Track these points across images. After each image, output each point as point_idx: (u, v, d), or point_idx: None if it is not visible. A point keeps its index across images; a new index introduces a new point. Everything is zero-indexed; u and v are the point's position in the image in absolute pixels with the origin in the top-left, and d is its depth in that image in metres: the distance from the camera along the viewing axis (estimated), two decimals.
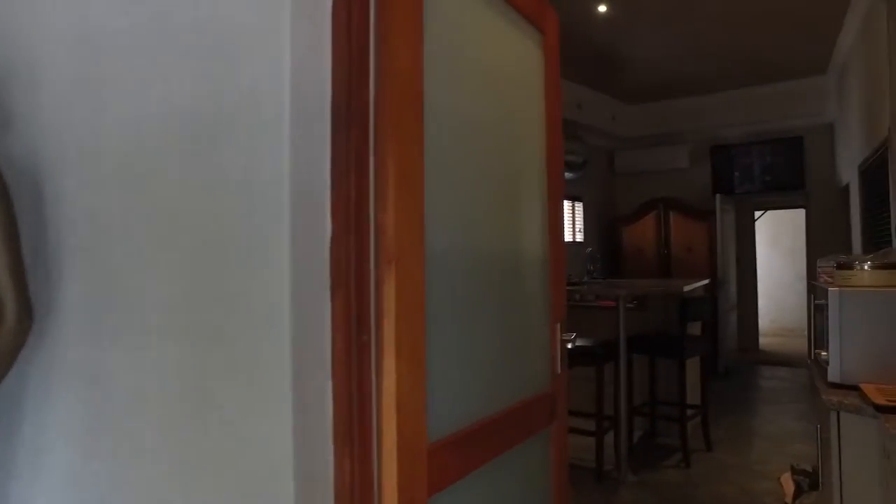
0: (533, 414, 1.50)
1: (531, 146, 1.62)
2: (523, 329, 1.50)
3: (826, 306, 1.79)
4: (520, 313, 1.49)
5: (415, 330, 1.05)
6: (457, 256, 1.21)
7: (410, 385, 1.03)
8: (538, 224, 1.63)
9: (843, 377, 1.72)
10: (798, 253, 9.02)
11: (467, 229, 1.26)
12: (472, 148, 1.31)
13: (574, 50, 5.46)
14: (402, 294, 1.02)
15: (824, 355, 1.78)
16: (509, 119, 1.50)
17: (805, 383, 5.98)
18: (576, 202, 7.10)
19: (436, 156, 1.16)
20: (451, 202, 1.20)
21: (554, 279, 1.66)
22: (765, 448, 3.95)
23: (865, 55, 4.75)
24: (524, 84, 1.60)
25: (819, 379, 1.86)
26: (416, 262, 1.06)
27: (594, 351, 3.43)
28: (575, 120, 6.45)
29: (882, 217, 4.65)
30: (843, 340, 1.72)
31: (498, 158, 1.43)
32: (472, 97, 1.32)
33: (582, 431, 3.57)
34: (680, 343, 3.51)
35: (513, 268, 1.46)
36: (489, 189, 1.37)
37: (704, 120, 7.02)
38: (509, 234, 1.46)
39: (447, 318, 1.16)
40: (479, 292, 1.29)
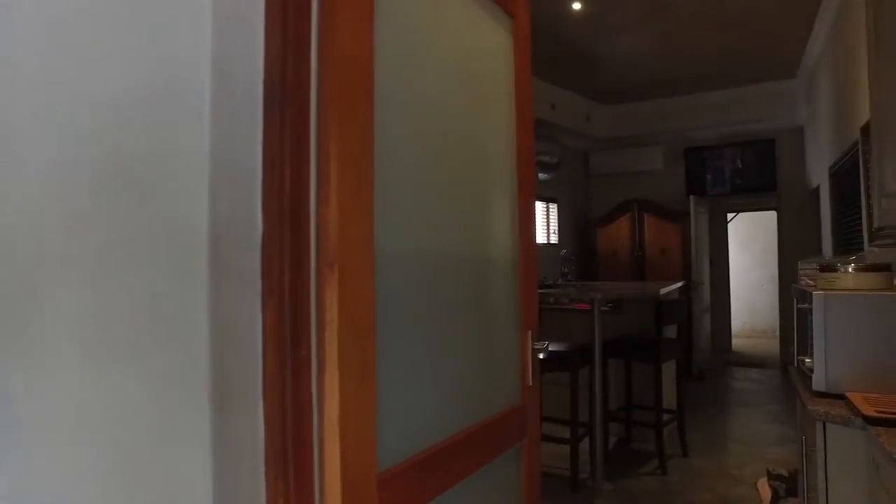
0: (501, 431, 1.37)
1: (500, 141, 1.50)
2: (490, 338, 1.37)
3: (810, 310, 1.70)
4: (487, 321, 1.36)
5: (362, 343, 0.91)
6: (413, 259, 1.07)
7: (357, 406, 0.89)
8: (507, 224, 1.50)
9: (828, 386, 1.63)
10: (769, 255, 9.10)
11: (426, 229, 1.13)
12: (433, 140, 1.18)
13: (548, 49, 5.39)
14: (346, 302, 0.88)
15: (808, 362, 1.69)
16: (476, 110, 1.37)
17: (778, 384, 5.98)
18: (550, 203, 7.03)
19: (389, 145, 1.02)
20: (407, 198, 1.07)
21: (525, 284, 1.54)
22: (741, 452, 3.89)
23: (834, 59, 4.76)
24: (492, 72, 1.47)
25: (803, 387, 1.77)
26: (364, 265, 0.92)
27: (569, 356, 3.32)
28: (549, 120, 6.37)
29: (852, 219, 4.65)
30: (828, 347, 1.63)
31: (462, 153, 1.30)
32: (434, 82, 1.19)
33: (556, 439, 3.46)
34: (656, 347, 3.43)
35: (479, 272, 1.33)
36: (452, 186, 1.24)
37: (678, 122, 7.01)
38: (475, 235, 1.33)
39: (402, 328, 1.03)
40: (439, 299, 1.15)
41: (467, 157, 1.32)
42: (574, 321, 4.42)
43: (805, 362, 1.70)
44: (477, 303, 1.32)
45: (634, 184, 7.35)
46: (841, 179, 4.85)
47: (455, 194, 1.26)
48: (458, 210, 1.26)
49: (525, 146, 1.59)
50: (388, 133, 1.02)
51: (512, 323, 1.48)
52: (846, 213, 4.81)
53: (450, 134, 1.24)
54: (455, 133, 1.27)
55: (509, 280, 1.49)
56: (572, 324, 4.44)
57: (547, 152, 6.20)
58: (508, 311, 1.47)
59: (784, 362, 6.65)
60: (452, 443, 1.15)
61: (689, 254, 6.52)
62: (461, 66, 1.31)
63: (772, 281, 9.07)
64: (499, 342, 1.42)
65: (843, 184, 4.82)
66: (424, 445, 1.07)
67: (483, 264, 1.36)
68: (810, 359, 1.68)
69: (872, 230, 3.71)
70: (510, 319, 1.48)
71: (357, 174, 0.92)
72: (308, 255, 0.88)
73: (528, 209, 1.60)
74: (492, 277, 1.40)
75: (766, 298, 9.29)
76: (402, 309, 1.03)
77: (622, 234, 7.05)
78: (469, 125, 1.34)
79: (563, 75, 6.18)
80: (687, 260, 6.56)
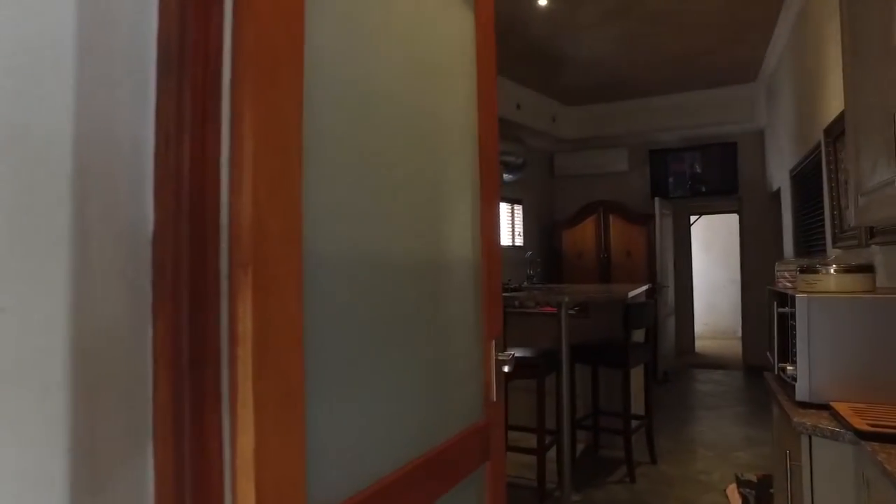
0: (461, 455, 1.21)
1: (460, 135, 1.34)
2: (448, 350, 1.21)
3: (792, 314, 1.59)
4: (444, 331, 1.20)
5: (286, 361, 0.73)
6: (355, 261, 0.90)
7: (280, 444, 0.72)
8: (468, 225, 1.34)
9: (812, 395, 1.52)
10: (730, 257, 9.21)
11: (372, 227, 0.96)
12: (382, 127, 1.01)
13: (513, 46, 5.28)
14: (265, 311, 0.70)
15: (791, 370, 1.58)
16: (432, 100, 1.21)
17: (741, 386, 5.99)
18: (515, 205, 6.93)
19: (326, 125, 0.85)
20: (348, 189, 0.90)
21: (488, 289, 1.38)
22: (708, 458, 3.82)
23: (795, 63, 4.78)
24: (452, 61, 1.31)
25: (784, 396, 1.66)
26: (289, 267, 0.75)
27: (535, 362, 3.19)
28: (514, 120, 6.27)
29: (814, 221, 4.67)
30: (812, 354, 1.52)
31: (417, 145, 1.13)
32: (383, 64, 1.02)
33: (522, 450, 3.33)
34: (624, 352, 3.33)
35: (435, 276, 1.17)
36: (404, 180, 1.08)
37: (642, 124, 7.00)
38: (431, 236, 1.17)
39: (341, 342, 0.86)
40: (388, 307, 0.99)
41: (423, 150, 1.16)
42: (540, 325, 4.30)
43: (787, 370, 1.59)
44: (433, 311, 1.15)
45: (600, 185, 7.31)
46: (802, 182, 4.88)
47: (408, 190, 1.09)
48: (412, 208, 1.10)
49: (488, 142, 1.44)
50: (325, 111, 0.85)
51: (473, 332, 1.33)
52: (807, 216, 4.83)
53: (402, 122, 1.08)
54: (408, 121, 1.10)
55: (470, 285, 1.33)
56: (538, 328, 4.32)
57: (512, 152, 6.09)
58: (469, 319, 1.31)
59: (747, 363, 6.69)
60: (403, 474, 0.99)
61: (654, 256, 6.49)
62: (415, 50, 1.14)
63: (732, 283, 9.19)
64: (458, 354, 1.26)
65: (804, 186, 4.84)
66: (368, 481, 0.89)
67: (440, 268, 1.20)
68: (793, 366, 1.57)
69: (836, 232, 3.70)
70: (471, 328, 1.32)
71: (281, 154, 0.75)
72: (216, 254, 0.70)
73: (492, 208, 1.45)
74: (450, 282, 1.24)
75: (727, 300, 9.40)
76: (341, 320, 0.86)
77: (587, 237, 6.99)
78: (424, 115, 1.18)
79: (529, 74, 6.09)
80: (652, 262, 6.54)
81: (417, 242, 1.10)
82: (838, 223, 3.56)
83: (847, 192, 3.28)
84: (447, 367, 1.21)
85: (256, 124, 0.71)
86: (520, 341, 4.34)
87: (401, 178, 1.06)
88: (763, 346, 6.62)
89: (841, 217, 3.53)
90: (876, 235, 2.80)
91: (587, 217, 7.01)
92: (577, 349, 3.52)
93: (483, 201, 1.40)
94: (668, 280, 6.69)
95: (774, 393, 1.76)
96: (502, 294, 1.54)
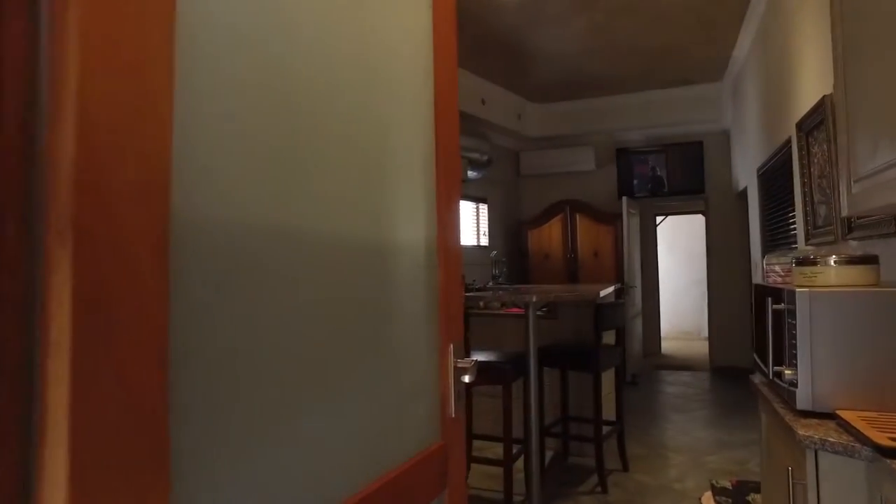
0: (412, 487, 0.98)
1: (414, 112, 1.11)
2: (396, 359, 0.98)
3: (790, 312, 1.41)
4: (391, 336, 0.96)
5: (138, 396, 0.49)
6: (261, 240, 0.66)
7: None
8: (423, 215, 1.11)
9: (815, 403, 1.34)
10: (694, 258, 9.21)
11: (293, 199, 0.72)
12: (300, 71, 0.77)
13: (479, 39, 5.08)
14: (95, 310, 0.46)
15: (789, 374, 1.39)
16: (378, 67, 0.98)
17: (709, 387, 5.92)
18: (480, 204, 6.73)
19: (218, 47, 0.61)
20: (255, 142, 0.66)
21: (445, 287, 1.15)
22: (681, 463, 3.67)
23: (762, 60, 4.72)
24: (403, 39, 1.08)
25: (780, 404, 1.48)
26: (146, 243, 0.50)
27: (501, 366, 2.97)
28: (479, 116, 6.08)
29: (782, 219, 4.60)
30: (815, 356, 1.34)
31: (355, 106, 0.90)
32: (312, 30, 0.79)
33: (488, 461, 3.11)
34: (595, 355, 3.14)
35: (379, 270, 0.94)
36: (337, 148, 0.84)
37: (608, 122, 6.90)
38: (374, 222, 0.93)
39: (235, 360, 0.61)
40: (313, 308, 0.75)
41: (364, 118, 0.92)
42: (506, 327, 4.10)
43: (784, 374, 1.41)
44: (376, 312, 0.92)
45: (566, 184, 7.18)
46: (770, 179, 4.81)
47: (344, 163, 0.86)
48: (349, 186, 0.86)
49: (447, 131, 1.21)
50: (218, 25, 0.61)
51: (428, 336, 1.09)
52: (776, 214, 4.77)
53: (330, 73, 0.84)
54: (340, 74, 0.87)
55: (424, 281, 1.10)
56: (504, 330, 4.11)
57: (477, 149, 5.89)
58: (423, 322, 1.08)
59: (714, 365, 6.63)
60: None
61: (621, 256, 6.38)
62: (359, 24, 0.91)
63: (696, 284, 9.19)
64: (408, 363, 1.02)
65: (772, 184, 4.77)
66: None
67: (386, 260, 0.96)
68: (791, 370, 1.39)
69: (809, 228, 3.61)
70: (425, 332, 1.09)
71: (135, 63, 0.50)
72: (18, 211, 0.46)
73: (451, 202, 1.22)
74: (399, 277, 1.01)
75: (691, 301, 9.41)
76: (237, 322, 0.62)
77: (554, 237, 6.84)
78: (363, 69, 0.94)
79: (494, 69, 5.91)
80: (619, 263, 6.42)
81: (355, 227, 0.87)
82: (811, 219, 3.46)
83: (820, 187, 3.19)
84: (396, 380, 0.97)
85: (83, 14, 0.47)
86: (485, 345, 4.13)
87: (332, 144, 0.83)
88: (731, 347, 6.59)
89: (814, 213, 3.44)
90: (855, 230, 2.68)
91: (554, 217, 6.87)
92: (546, 352, 3.33)
93: (441, 194, 1.17)
94: (635, 280, 6.59)
95: (768, 400, 1.58)
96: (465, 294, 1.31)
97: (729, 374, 6.40)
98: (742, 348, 6.32)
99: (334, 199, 0.82)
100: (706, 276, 7.02)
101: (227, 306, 0.60)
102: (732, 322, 6.50)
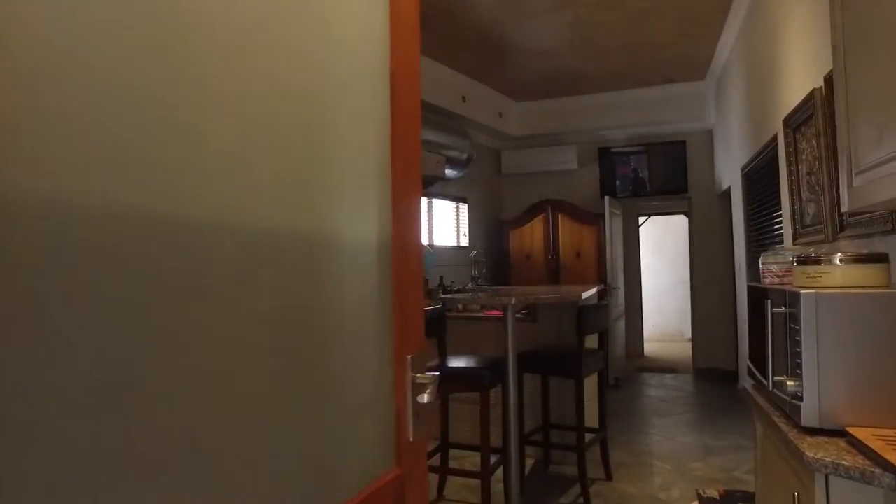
0: None
1: (363, 88, 0.94)
2: (333, 380, 0.80)
3: (792, 316, 1.26)
4: (325, 351, 0.79)
5: None
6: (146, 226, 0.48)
7: None
8: (372, 208, 0.94)
9: (823, 419, 1.19)
10: (678, 258, 9.14)
11: (174, 189, 0.54)
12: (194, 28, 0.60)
13: (459, 35, 4.92)
14: None
15: (792, 385, 1.24)
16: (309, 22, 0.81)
17: (693, 391, 5.81)
18: (460, 203, 6.57)
19: None
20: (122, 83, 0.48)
21: (400, 293, 0.98)
22: (666, 471, 3.54)
23: (747, 57, 4.62)
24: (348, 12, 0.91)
25: (782, 418, 1.33)
26: None
27: (478, 373, 2.81)
28: (459, 113, 5.92)
29: (767, 219, 4.50)
30: (822, 365, 1.19)
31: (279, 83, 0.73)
32: None
33: (466, 473, 2.94)
34: (578, 359, 2.99)
35: (310, 273, 0.76)
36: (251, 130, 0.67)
37: (591, 121, 6.79)
38: (300, 216, 0.76)
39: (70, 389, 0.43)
40: (212, 320, 0.57)
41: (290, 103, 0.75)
42: (485, 331, 3.94)
43: (787, 385, 1.26)
44: (307, 321, 0.74)
45: (548, 184, 7.05)
46: (755, 178, 4.72)
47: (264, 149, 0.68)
48: (274, 178, 0.69)
49: (405, 106, 1.04)
50: None
51: (379, 348, 0.92)
52: (761, 213, 4.67)
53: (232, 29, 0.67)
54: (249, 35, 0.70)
55: (375, 287, 0.93)
56: (483, 334, 3.95)
57: (457, 147, 5.72)
58: (372, 332, 0.91)
59: (697, 367, 6.54)
60: None
61: (604, 257, 6.26)
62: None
63: (680, 285, 9.12)
64: (352, 381, 0.85)
65: (757, 182, 4.68)
66: None
67: (322, 262, 0.79)
68: (794, 381, 1.24)
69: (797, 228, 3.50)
70: (375, 344, 0.91)
71: None
72: None
73: (409, 192, 1.05)
74: (340, 282, 0.83)
75: (674, 302, 9.34)
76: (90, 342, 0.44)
77: (536, 237, 6.70)
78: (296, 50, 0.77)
79: (475, 65, 5.75)
80: (602, 263, 6.30)
81: (279, 220, 0.69)
82: (799, 218, 3.35)
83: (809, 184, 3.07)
84: (332, 403, 0.80)
85: None
86: (464, 349, 3.97)
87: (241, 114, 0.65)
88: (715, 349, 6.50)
89: (802, 211, 3.32)
90: (847, 228, 2.56)
91: (535, 216, 6.73)
92: (526, 357, 3.17)
93: (396, 178, 1.00)
94: (618, 282, 6.47)
95: (766, 413, 1.43)
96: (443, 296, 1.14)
97: (713, 377, 6.30)
98: (726, 350, 6.23)
99: (250, 187, 0.65)
100: (689, 277, 6.93)
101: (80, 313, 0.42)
102: (716, 324, 6.42)
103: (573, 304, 3.28)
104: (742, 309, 5.16)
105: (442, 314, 3.18)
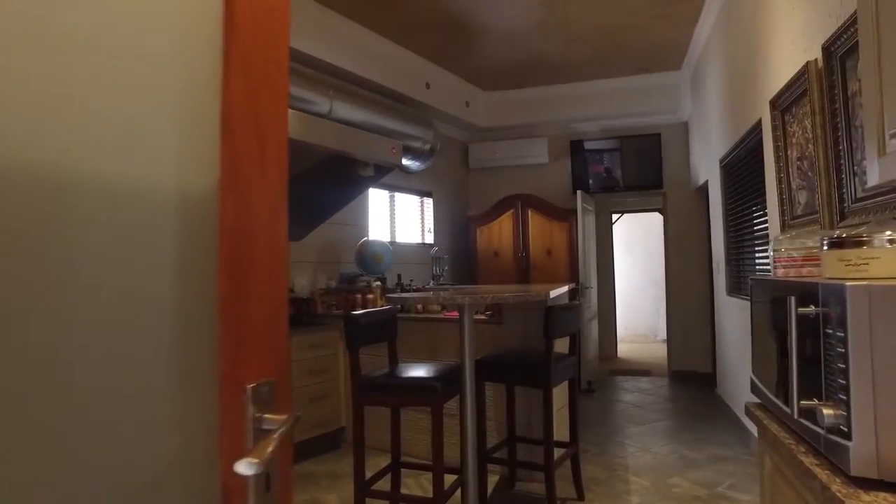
0: None
1: None
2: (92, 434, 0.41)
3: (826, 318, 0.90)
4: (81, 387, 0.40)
5: None
6: None
7: None
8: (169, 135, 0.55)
9: (884, 467, 0.83)
10: (650, 257, 8.90)
11: None
12: None
13: (423, 13, 4.53)
14: None
15: (830, 415, 0.89)
16: None
17: (668, 395, 5.52)
18: (425, 198, 6.19)
19: None
20: None
21: (231, 285, 0.59)
22: (643, 489, 3.20)
23: (728, 38, 4.33)
24: None
25: (811, 456, 0.97)
26: None
27: (429, 383, 2.42)
28: (422, 101, 5.53)
29: (748, 212, 4.22)
30: (879, 387, 0.83)
31: None
32: None
33: (417, 500, 2.55)
34: (546, 367, 2.62)
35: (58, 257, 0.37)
36: None
37: (563, 112, 6.47)
38: None
39: None
40: None
41: None
42: (445, 334, 3.56)
43: (824, 415, 0.90)
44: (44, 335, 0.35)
45: (518, 178, 6.70)
46: (736, 169, 4.44)
47: None
48: None
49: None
50: None
51: (195, 375, 0.53)
52: (742, 206, 4.39)
53: None
54: None
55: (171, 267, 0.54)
56: (443, 338, 3.57)
57: (419, 137, 5.33)
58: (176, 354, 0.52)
59: (673, 369, 6.25)
60: None
61: (576, 255, 5.93)
62: None
63: (652, 284, 8.88)
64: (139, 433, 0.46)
65: (738, 173, 4.39)
66: None
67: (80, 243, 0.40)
68: (835, 409, 0.88)
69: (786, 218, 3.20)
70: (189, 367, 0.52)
71: None
72: None
73: (262, 143, 0.67)
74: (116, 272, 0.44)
75: (648, 302, 9.09)
76: None
77: (504, 234, 6.35)
78: None
79: (439, 49, 5.37)
80: (574, 262, 5.97)
81: None
82: (788, 208, 3.05)
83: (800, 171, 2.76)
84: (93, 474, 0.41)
85: None
86: (420, 355, 3.58)
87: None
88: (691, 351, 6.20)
89: (791, 200, 3.02)
90: (849, 216, 2.25)
91: (504, 212, 6.37)
92: (488, 364, 2.79)
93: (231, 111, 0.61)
94: (591, 281, 6.15)
95: (784, 445, 1.07)
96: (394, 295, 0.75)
97: (688, 380, 6.03)
98: (703, 353, 5.96)
99: None
100: (663, 276, 6.65)
101: None
102: (692, 325, 6.14)
103: (541, 303, 2.92)
104: (725, 309, 4.87)
105: (392, 316, 2.79)
